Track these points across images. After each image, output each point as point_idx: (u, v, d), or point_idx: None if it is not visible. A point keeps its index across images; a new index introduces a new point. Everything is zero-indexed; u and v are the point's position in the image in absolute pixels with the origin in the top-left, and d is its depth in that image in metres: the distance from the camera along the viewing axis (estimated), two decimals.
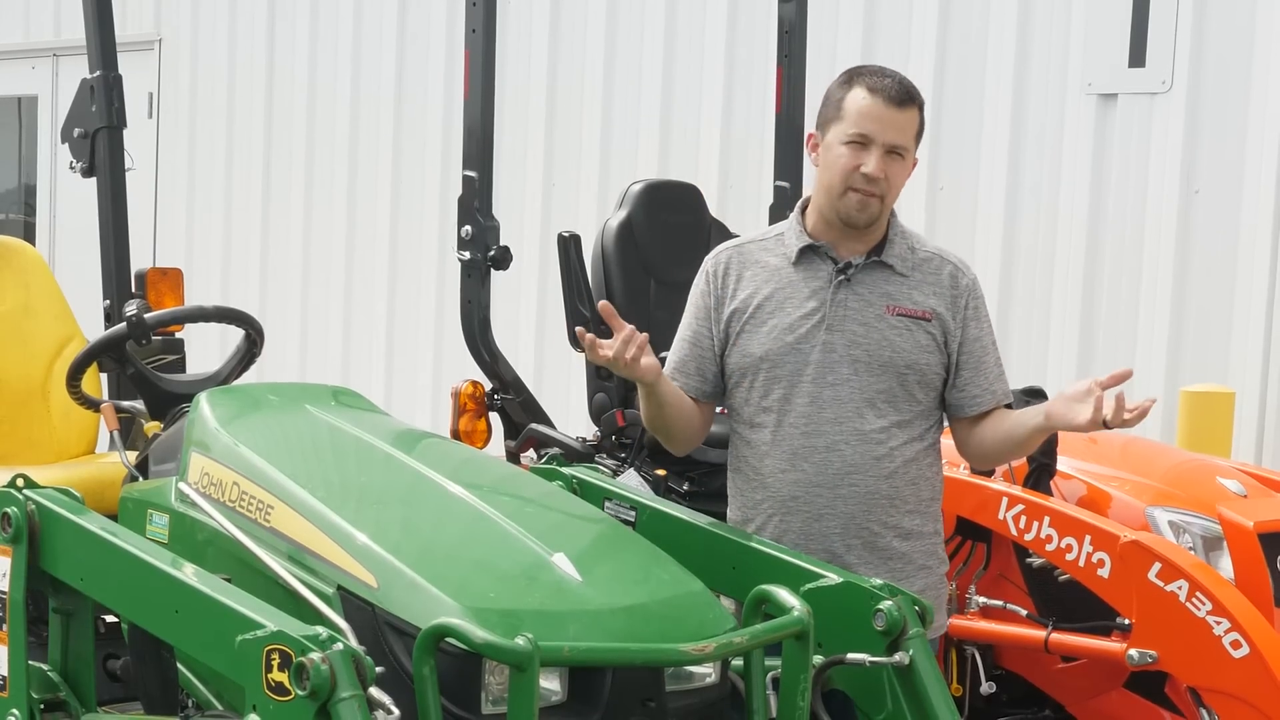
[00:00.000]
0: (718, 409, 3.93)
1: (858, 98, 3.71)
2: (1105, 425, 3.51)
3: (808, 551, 3.65)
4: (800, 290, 3.77)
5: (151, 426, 4.23)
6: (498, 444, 5.60)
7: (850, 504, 3.72)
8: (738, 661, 3.21)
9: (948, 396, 3.80)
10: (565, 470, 3.95)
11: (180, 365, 5.39)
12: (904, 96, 3.72)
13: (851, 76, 3.76)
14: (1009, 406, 3.83)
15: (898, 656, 3.30)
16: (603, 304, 3.70)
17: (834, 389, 3.72)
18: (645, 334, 3.63)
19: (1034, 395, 4.75)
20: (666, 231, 5.68)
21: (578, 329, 3.73)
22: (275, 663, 2.72)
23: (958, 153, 7.43)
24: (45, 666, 3.37)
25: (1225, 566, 4.56)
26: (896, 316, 3.73)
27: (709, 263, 3.90)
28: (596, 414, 5.54)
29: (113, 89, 5.53)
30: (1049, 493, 4.70)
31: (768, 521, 3.77)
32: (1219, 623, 4.11)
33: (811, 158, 3.84)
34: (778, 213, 5.76)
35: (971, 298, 3.80)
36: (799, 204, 3.89)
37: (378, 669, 2.75)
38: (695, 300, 3.89)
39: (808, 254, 3.79)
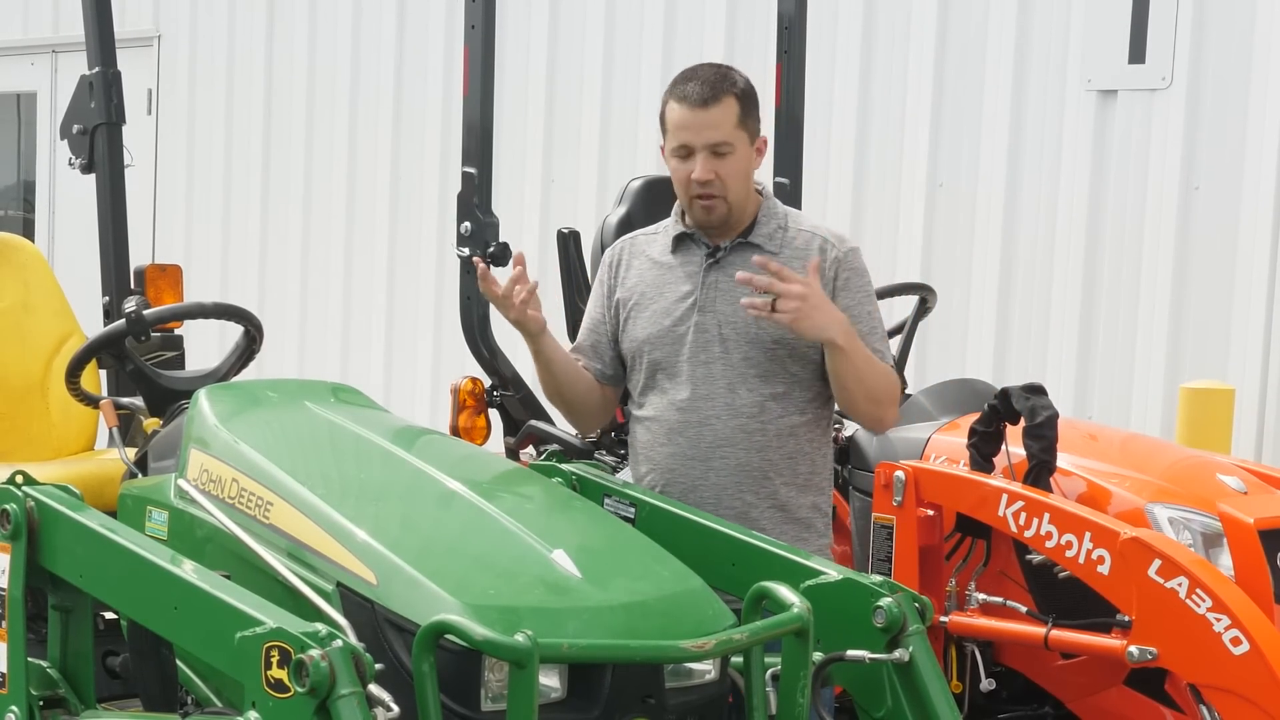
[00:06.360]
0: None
1: (671, 110, 3.91)
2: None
3: None
4: (677, 275, 4.01)
5: (151, 423, 4.23)
6: (497, 441, 5.59)
7: (722, 476, 3.91)
8: (737, 659, 3.21)
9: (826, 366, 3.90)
10: (565, 467, 3.95)
11: (179, 362, 5.39)
12: (707, 95, 3.85)
13: (669, 88, 3.93)
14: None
15: (897, 653, 3.30)
16: (517, 253, 3.94)
17: (706, 367, 3.93)
18: (536, 281, 3.86)
19: (1035, 392, 4.74)
20: None
21: (474, 258, 3.96)
22: (274, 659, 2.71)
23: (957, 149, 7.42)
24: (44, 663, 3.37)
25: (1225, 563, 4.55)
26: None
27: (607, 254, 4.17)
28: None
29: (112, 85, 5.53)
30: (1049, 489, 4.68)
31: None
32: (1219, 619, 4.09)
33: None
34: None
35: (843, 269, 3.93)
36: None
37: (377, 666, 2.75)
38: (595, 288, 4.18)
39: (684, 241, 4.03)
